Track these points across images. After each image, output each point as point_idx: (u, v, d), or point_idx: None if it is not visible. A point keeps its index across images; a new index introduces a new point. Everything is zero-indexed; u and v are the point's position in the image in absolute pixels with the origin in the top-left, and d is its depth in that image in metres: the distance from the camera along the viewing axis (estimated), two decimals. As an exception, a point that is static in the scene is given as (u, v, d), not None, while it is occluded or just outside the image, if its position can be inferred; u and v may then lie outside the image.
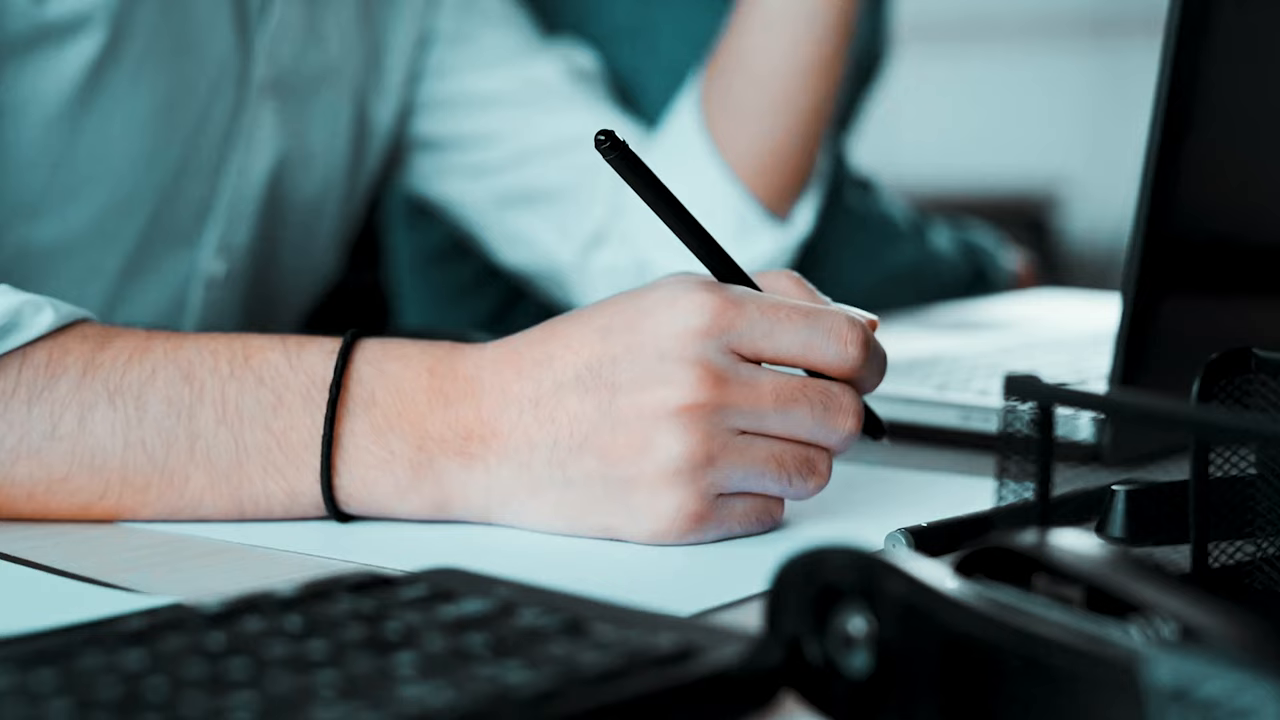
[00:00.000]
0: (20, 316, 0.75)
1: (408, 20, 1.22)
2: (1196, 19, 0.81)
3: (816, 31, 1.16)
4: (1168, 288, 0.87)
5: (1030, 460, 0.57)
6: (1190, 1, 0.80)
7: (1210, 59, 0.83)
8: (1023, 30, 3.94)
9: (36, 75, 0.97)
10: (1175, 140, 0.82)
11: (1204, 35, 0.82)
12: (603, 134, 0.71)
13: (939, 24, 3.86)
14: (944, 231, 1.55)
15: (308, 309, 1.25)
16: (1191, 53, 0.81)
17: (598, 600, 0.54)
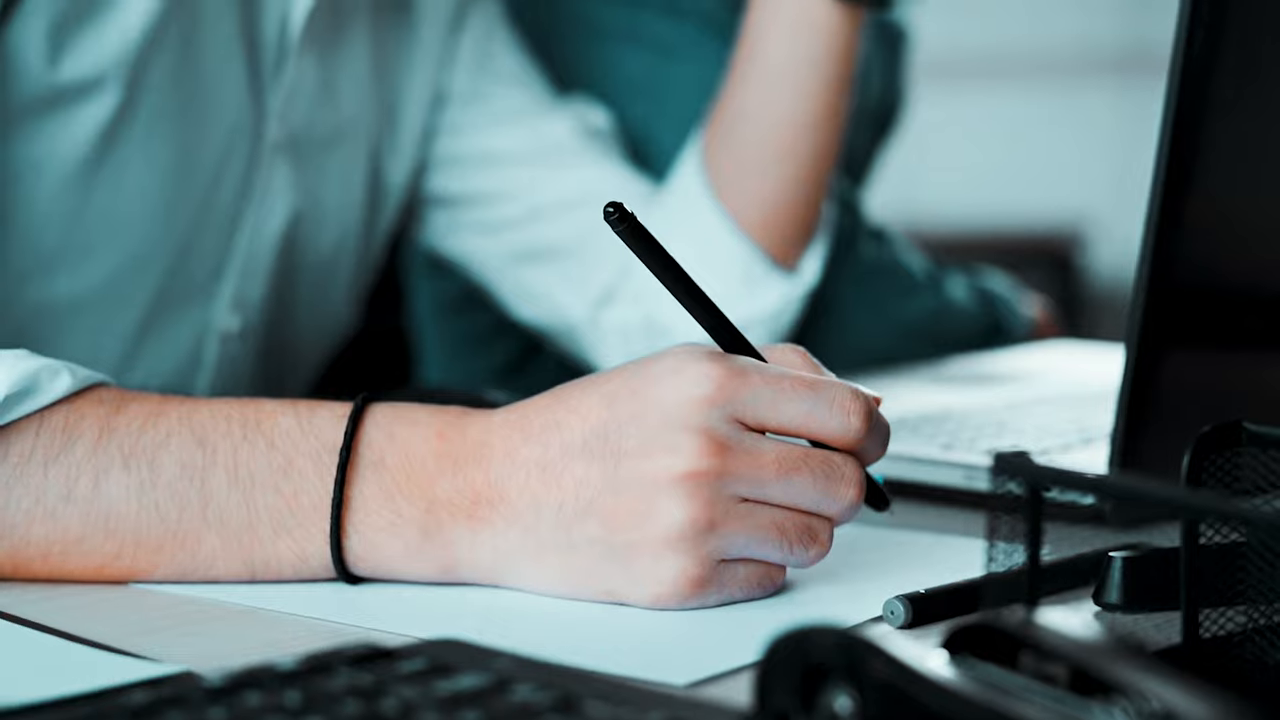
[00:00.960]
0: (38, 381, 0.76)
1: (422, 78, 1.24)
2: (1199, 71, 0.82)
3: (817, 83, 1.18)
4: (1171, 343, 0.88)
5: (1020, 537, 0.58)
6: (1192, 53, 0.81)
7: (1213, 112, 0.84)
8: (1048, 68, 3.95)
9: (52, 135, 0.99)
10: (1178, 193, 0.83)
11: (1207, 88, 0.83)
12: (611, 206, 0.73)
13: (964, 61, 3.87)
14: (960, 281, 1.55)
15: (324, 361, 1.26)
16: (1194, 105, 0.82)
17: (593, 674, 0.55)
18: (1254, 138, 0.88)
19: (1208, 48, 0.83)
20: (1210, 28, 0.82)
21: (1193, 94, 0.82)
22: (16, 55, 0.95)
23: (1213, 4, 0.82)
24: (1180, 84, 0.83)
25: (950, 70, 3.72)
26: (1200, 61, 0.82)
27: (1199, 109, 0.83)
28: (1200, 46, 0.82)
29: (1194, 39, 0.82)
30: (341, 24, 1.16)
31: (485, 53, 1.28)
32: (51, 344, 1.03)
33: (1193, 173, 0.85)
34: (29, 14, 0.95)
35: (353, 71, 1.17)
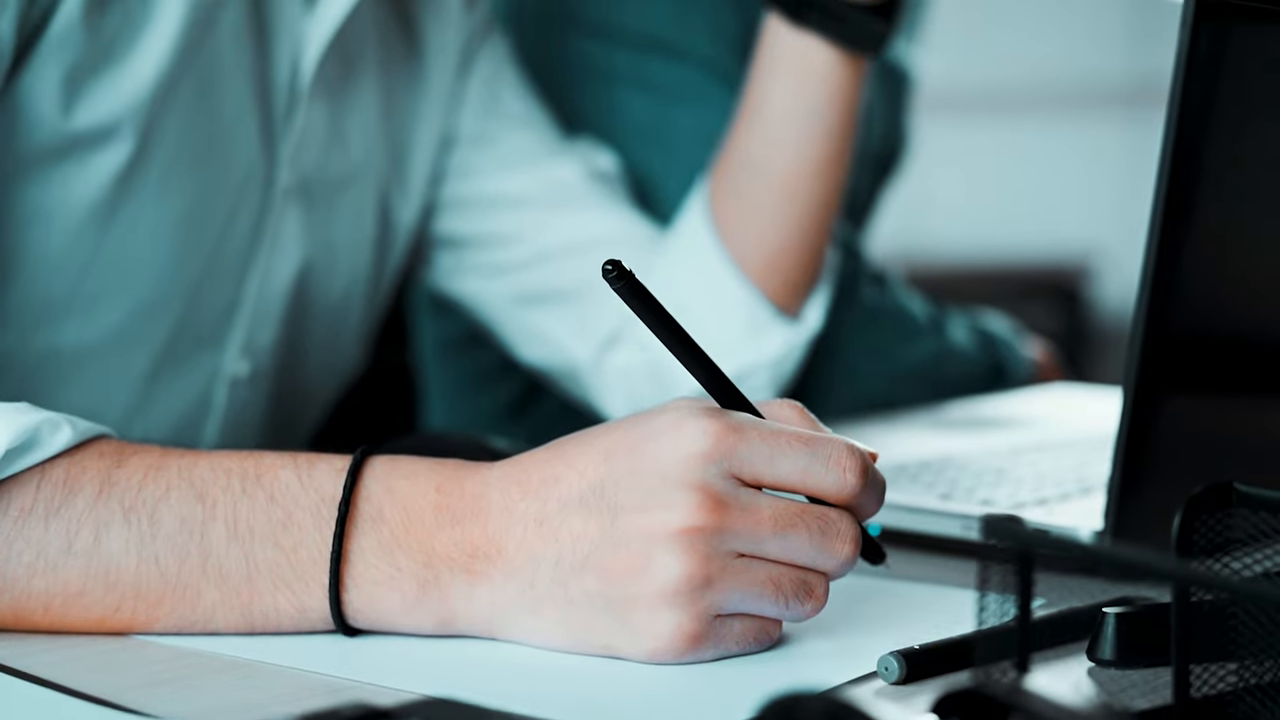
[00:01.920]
0: (39, 435, 0.77)
1: (430, 122, 1.25)
2: (1196, 118, 0.83)
3: (821, 130, 1.19)
4: (1169, 390, 0.88)
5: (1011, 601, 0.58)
6: (1188, 103, 0.82)
7: (1209, 163, 0.85)
8: (1056, 101, 3.96)
9: (64, 184, 1.00)
10: (1175, 241, 0.84)
11: (1204, 136, 0.84)
12: (610, 264, 0.73)
13: (971, 95, 3.88)
14: (961, 323, 1.56)
15: (333, 402, 1.27)
16: (1191, 157, 0.82)
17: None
18: (1251, 186, 0.89)
19: (1204, 95, 0.83)
20: (1207, 74, 0.83)
21: (1189, 146, 0.83)
22: (30, 103, 0.96)
23: (1210, 50, 0.82)
24: (1176, 137, 0.83)
25: (957, 103, 3.73)
26: (1196, 110, 0.83)
27: (1195, 160, 0.84)
28: (1197, 93, 0.82)
29: (1190, 87, 0.82)
30: (351, 69, 1.17)
31: (493, 95, 1.29)
32: (60, 391, 1.04)
33: (1189, 223, 0.85)
34: (43, 62, 0.96)
35: (363, 116, 1.18)
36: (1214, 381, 0.92)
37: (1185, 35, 0.82)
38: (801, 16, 1.15)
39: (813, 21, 1.15)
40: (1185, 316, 0.89)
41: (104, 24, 0.98)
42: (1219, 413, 0.93)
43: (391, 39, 1.22)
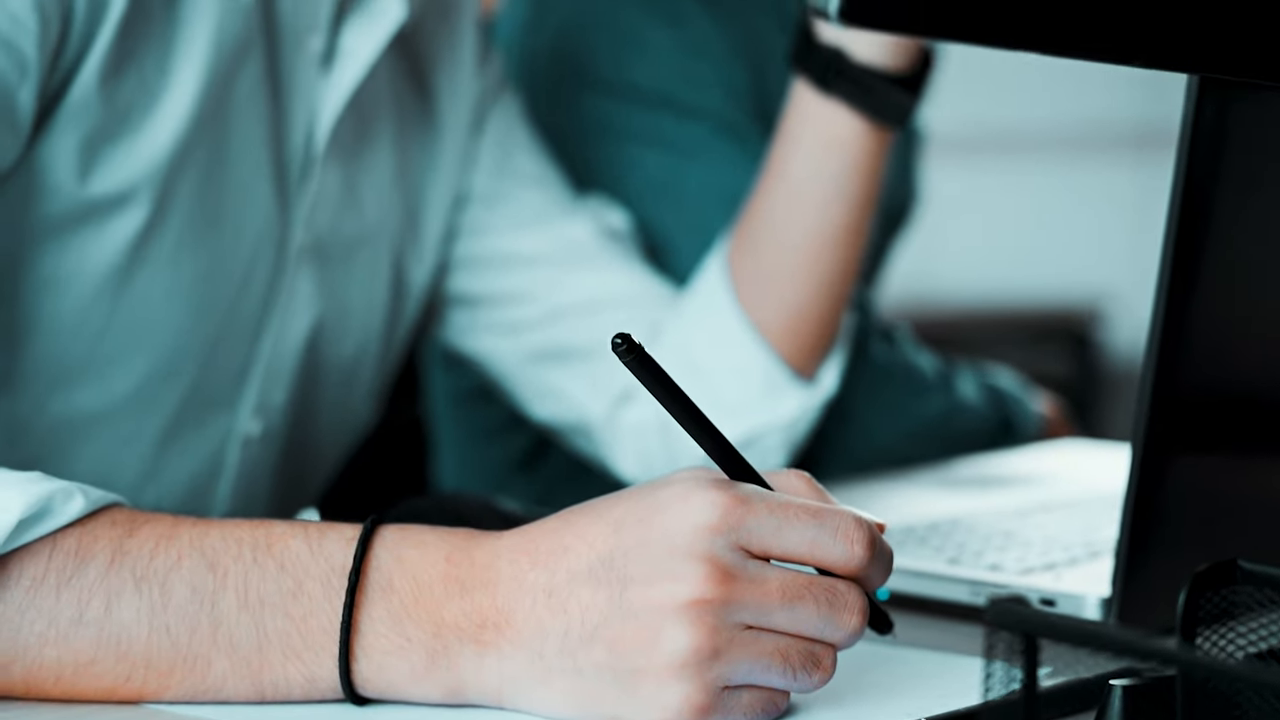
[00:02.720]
0: (51, 504, 0.77)
1: (444, 181, 1.26)
2: (1202, 183, 0.83)
3: (842, 199, 1.19)
4: (1178, 450, 0.88)
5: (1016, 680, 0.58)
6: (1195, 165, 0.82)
7: (1217, 221, 0.85)
8: (1066, 143, 3.97)
9: (80, 249, 1.00)
10: (1184, 296, 0.84)
11: (1210, 199, 0.84)
12: (619, 337, 0.74)
13: (981, 138, 3.89)
14: (970, 379, 1.56)
15: (344, 458, 1.28)
16: (1198, 215, 0.82)
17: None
18: (1259, 247, 0.89)
19: (1210, 160, 0.84)
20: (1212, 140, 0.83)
21: (1196, 208, 0.83)
22: (47, 171, 0.97)
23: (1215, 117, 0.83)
24: (1183, 200, 0.84)
25: (967, 147, 3.74)
26: (1202, 175, 0.83)
27: (1202, 222, 0.84)
28: (1202, 158, 0.83)
29: (1195, 152, 0.83)
30: (366, 130, 1.18)
31: (506, 154, 1.30)
32: (75, 454, 1.04)
33: (1197, 283, 0.85)
34: (61, 130, 0.96)
35: (376, 176, 1.19)
36: (1224, 441, 0.92)
37: (1190, 105, 0.83)
38: (829, 84, 1.16)
39: (840, 90, 1.15)
40: (1194, 376, 0.89)
41: (120, 91, 0.99)
42: (1230, 473, 0.93)
43: (406, 98, 1.23)
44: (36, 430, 1.03)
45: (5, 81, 0.91)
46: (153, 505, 1.08)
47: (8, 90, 0.91)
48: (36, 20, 0.92)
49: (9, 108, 0.92)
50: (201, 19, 1.02)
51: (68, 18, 0.95)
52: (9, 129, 0.92)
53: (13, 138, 0.93)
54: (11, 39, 0.91)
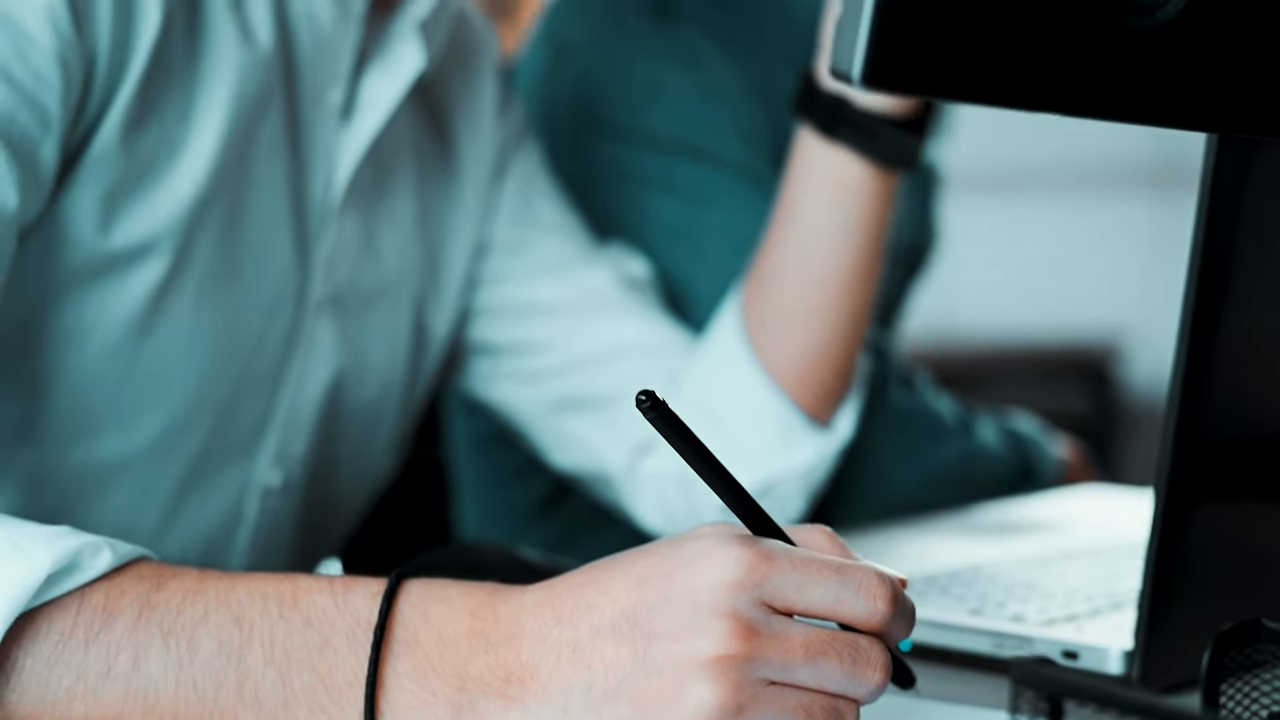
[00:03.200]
0: (79, 558, 0.78)
1: (465, 229, 1.26)
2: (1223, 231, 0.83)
3: (852, 243, 1.19)
4: (1201, 498, 0.88)
5: None
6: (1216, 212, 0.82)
7: (1238, 268, 0.85)
8: (1083, 179, 3.97)
9: (101, 301, 1.01)
10: (1206, 343, 0.84)
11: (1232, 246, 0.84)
12: (643, 394, 0.75)
13: (999, 173, 3.89)
14: (990, 424, 1.56)
15: (365, 509, 1.28)
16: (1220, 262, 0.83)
17: None
18: None
19: (1230, 210, 0.84)
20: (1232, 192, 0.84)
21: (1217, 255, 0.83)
22: (68, 223, 0.98)
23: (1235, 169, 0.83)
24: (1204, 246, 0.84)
25: (984, 183, 3.75)
26: (1223, 223, 0.83)
27: (1224, 269, 0.84)
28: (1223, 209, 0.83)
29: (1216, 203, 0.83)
30: (386, 180, 1.18)
31: (526, 202, 1.30)
32: (96, 504, 1.05)
33: (1219, 330, 0.86)
34: (82, 183, 0.97)
35: (397, 226, 1.20)
36: (1247, 491, 0.92)
37: (1210, 157, 0.83)
38: (833, 130, 1.16)
39: (844, 135, 1.16)
40: (1217, 425, 0.89)
41: (142, 144, 0.99)
42: (1254, 522, 0.93)
43: (426, 147, 1.24)
44: (58, 480, 1.04)
45: (29, 137, 0.92)
46: (172, 554, 1.09)
47: (31, 145, 0.92)
48: (59, 75, 0.93)
49: (33, 162, 0.92)
50: (222, 72, 1.03)
51: (90, 72, 0.95)
52: (33, 183, 0.93)
53: (36, 192, 0.94)
54: (35, 94, 0.92)
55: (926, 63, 0.63)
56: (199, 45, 1.02)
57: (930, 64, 0.63)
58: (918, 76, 0.63)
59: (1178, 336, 0.84)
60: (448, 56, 1.26)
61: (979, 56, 0.64)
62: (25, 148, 0.92)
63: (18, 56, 0.90)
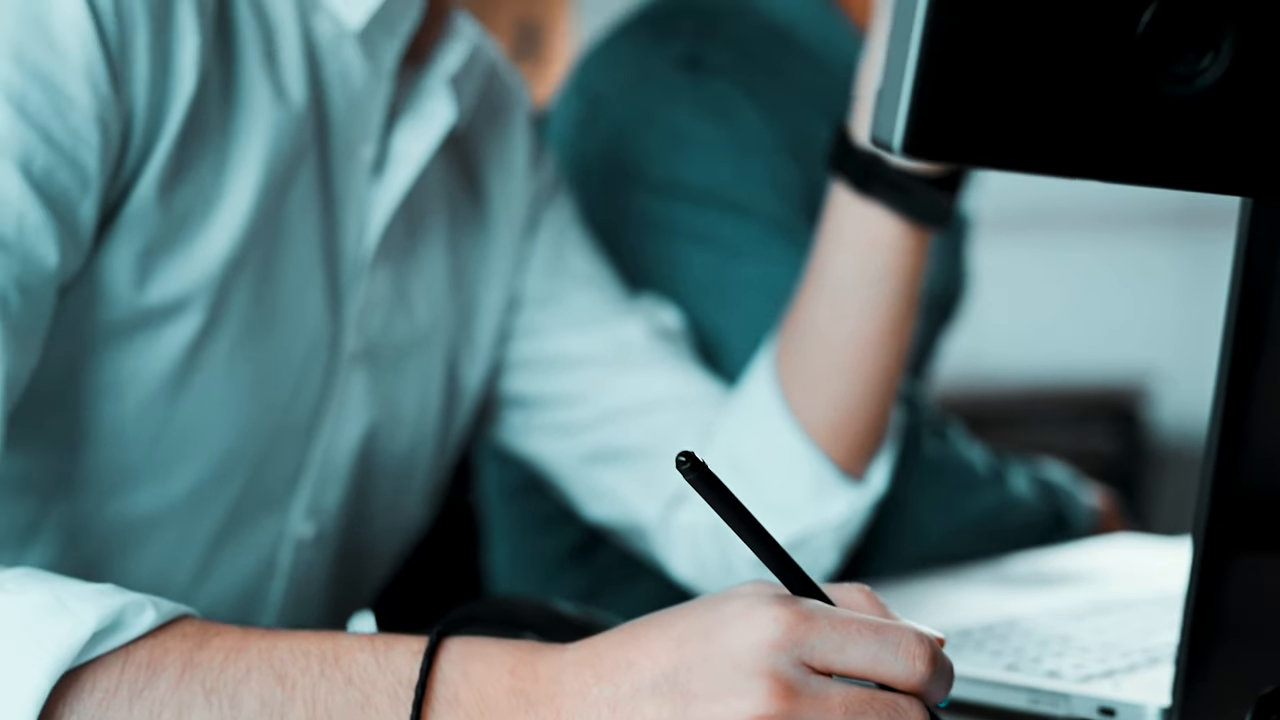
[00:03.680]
0: (124, 616, 0.78)
1: (497, 282, 1.27)
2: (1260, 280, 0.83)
3: (885, 299, 1.20)
4: (1240, 551, 0.88)
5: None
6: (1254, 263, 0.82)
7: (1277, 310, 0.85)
8: (1110, 219, 3.96)
9: (137, 356, 1.01)
10: (1244, 389, 0.84)
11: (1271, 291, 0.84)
12: (683, 455, 0.75)
13: (1027, 213, 3.89)
14: (1022, 473, 1.57)
15: (397, 561, 1.28)
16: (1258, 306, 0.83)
17: None
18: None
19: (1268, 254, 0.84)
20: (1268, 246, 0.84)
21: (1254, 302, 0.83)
22: (105, 280, 0.98)
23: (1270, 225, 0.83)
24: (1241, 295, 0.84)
25: (1011, 224, 3.75)
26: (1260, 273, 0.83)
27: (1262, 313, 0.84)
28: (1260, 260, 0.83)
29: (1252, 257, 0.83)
30: (418, 232, 1.19)
31: (559, 255, 1.31)
32: (131, 557, 1.05)
33: (1258, 377, 0.85)
34: (119, 240, 0.98)
35: (429, 279, 1.20)
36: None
37: (1245, 215, 0.83)
38: (867, 187, 1.16)
39: (878, 192, 1.16)
40: (1256, 475, 0.89)
41: (177, 200, 1.00)
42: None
43: (458, 199, 1.25)
44: (94, 533, 1.04)
45: (68, 195, 0.93)
46: (207, 606, 1.09)
47: (71, 204, 0.93)
48: (98, 134, 0.94)
49: (72, 220, 0.93)
50: (256, 129, 1.04)
51: (127, 131, 0.96)
52: (72, 241, 0.94)
53: (75, 249, 0.95)
54: (74, 154, 0.93)
55: (967, 132, 0.63)
56: (233, 103, 1.03)
57: (971, 133, 0.63)
58: (959, 146, 0.63)
59: (1215, 386, 0.84)
60: (479, 109, 1.27)
61: (1019, 126, 0.64)
62: (65, 206, 0.93)
63: (57, 117, 0.92)
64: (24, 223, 0.90)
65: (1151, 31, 0.65)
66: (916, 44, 0.62)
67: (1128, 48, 0.65)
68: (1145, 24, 0.65)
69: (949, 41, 0.62)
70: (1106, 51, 0.65)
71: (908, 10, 0.62)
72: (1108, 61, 0.65)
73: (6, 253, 0.89)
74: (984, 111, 0.63)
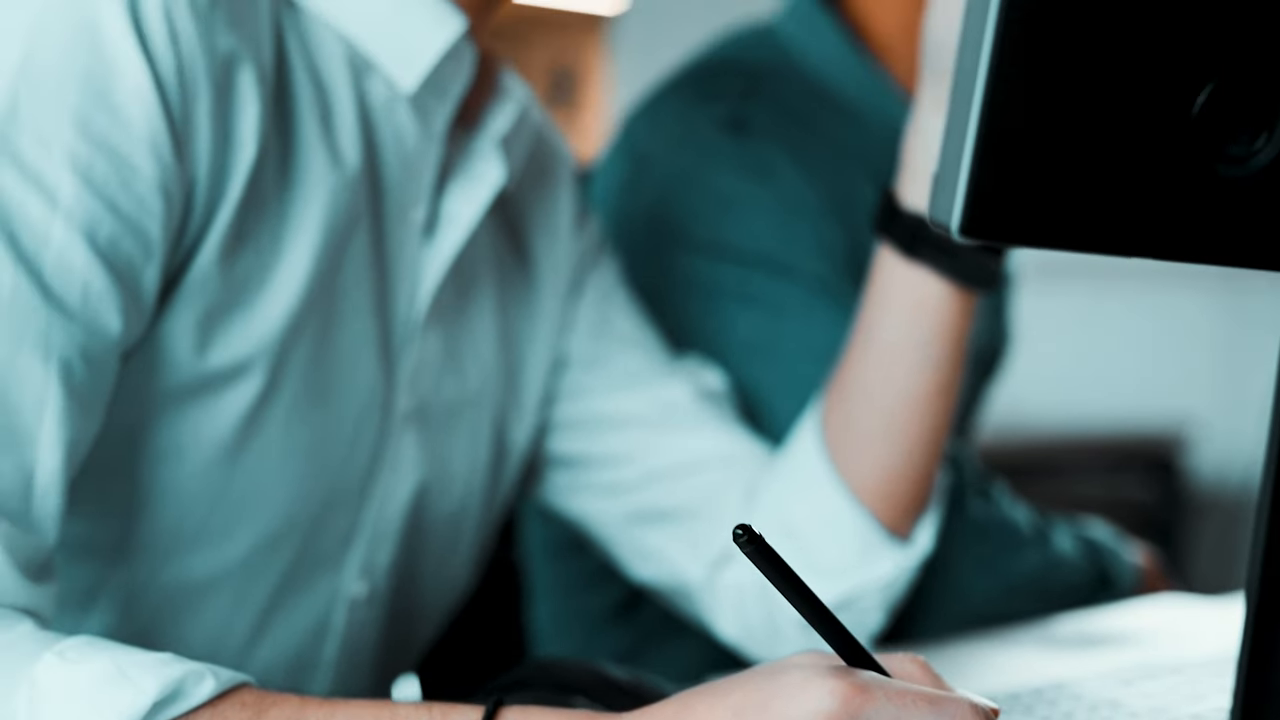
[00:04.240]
0: (184, 685, 0.79)
1: (543, 343, 1.28)
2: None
3: (932, 361, 1.20)
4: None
5: None
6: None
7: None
8: (1147, 268, 3.96)
9: (197, 420, 1.03)
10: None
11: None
12: (740, 528, 0.76)
13: (1064, 262, 3.89)
14: (1066, 532, 1.57)
15: (445, 620, 1.29)
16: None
17: None
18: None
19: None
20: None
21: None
22: (167, 345, 1.00)
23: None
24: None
25: (1048, 272, 3.75)
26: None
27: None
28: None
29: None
30: (467, 294, 1.20)
31: (604, 317, 1.32)
32: (188, 619, 1.06)
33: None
34: (181, 306, 0.99)
35: (478, 339, 1.21)
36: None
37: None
38: (914, 250, 1.17)
39: (925, 255, 1.17)
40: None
41: (237, 266, 1.01)
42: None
43: (506, 261, 1.26)
44: (152, 597, 1.05)
45: (133, 264, 0.94)
46: (262, 668, 1.10)
47: (135, 271, 0.95)
48: (161, 203, 0.95)
49: (135, 288, 0.95)
50: (314, 194, 1.05)
51: (190, 198, 0.98)
52: (135, 308, 0.95)
53: (138, 316, 0.96)
54: (138, 223, 0.94)
55: (1025, 214, 0.64)
56: (291, 169, 1.05)
57: (1028, 215, 0.64)
58: (1016, 227, 0.64)
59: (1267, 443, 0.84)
60: (526, 170, 1.28)
61: (1075, 207, 0.65)
62: (129, 274, 0.94)
63: (123, 187, 0.93)
64: (89, 291, 0.91)
65: (1207, 113, 0.66)
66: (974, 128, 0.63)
67: (1183, 129, 0.66)
68: (1200, 106, 0.66)
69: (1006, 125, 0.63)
70: (1162, 133, 0.66)
71: (964, 95, 0.63)
72: (1164, 143, 0.66)
73: (72, 321, 0.90)
74: (1041, 194, 0.64)
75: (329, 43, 1.07)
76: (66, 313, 0.90)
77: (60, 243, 0.91)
